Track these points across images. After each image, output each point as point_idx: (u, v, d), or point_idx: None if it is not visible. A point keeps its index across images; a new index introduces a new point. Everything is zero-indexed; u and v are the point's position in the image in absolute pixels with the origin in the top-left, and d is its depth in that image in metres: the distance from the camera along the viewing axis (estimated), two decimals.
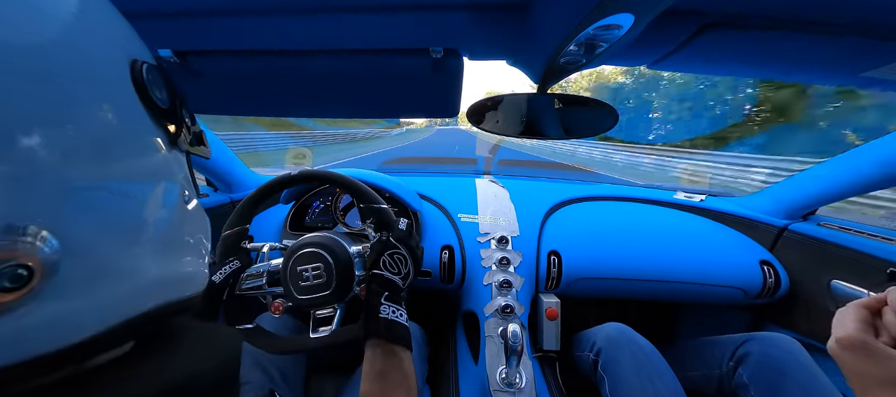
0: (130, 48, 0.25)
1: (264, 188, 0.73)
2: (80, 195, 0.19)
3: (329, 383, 0.95)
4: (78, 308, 0.19)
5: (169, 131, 0.27)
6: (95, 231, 0.20)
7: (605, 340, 0.81)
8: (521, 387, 0.75)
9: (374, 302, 0.55)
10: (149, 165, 0.25)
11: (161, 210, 0.25)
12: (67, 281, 0.19)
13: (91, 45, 0.22)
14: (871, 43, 0.45)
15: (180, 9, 0.46)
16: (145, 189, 0.24)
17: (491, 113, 0.68)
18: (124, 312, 0.22)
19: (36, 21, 0.19)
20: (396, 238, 0.63)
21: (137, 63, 0.24)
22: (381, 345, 0.52)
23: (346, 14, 0.46)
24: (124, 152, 0.23)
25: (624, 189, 1.35)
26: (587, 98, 0.65)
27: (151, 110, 0.25)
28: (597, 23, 0.37)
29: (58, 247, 0.18)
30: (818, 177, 0.94)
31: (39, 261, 0.17)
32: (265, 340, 0.64)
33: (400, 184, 1.07)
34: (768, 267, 0.97)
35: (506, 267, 0.95)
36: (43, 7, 0.19)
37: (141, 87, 0.24)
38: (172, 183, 0.27)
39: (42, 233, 0.17)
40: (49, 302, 0.18)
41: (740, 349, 0.78)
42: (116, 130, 0.22)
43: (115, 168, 0.22)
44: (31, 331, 0.18)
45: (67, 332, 0.19)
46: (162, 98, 0.26)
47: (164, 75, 0.27)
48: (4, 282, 0.16)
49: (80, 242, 0.19)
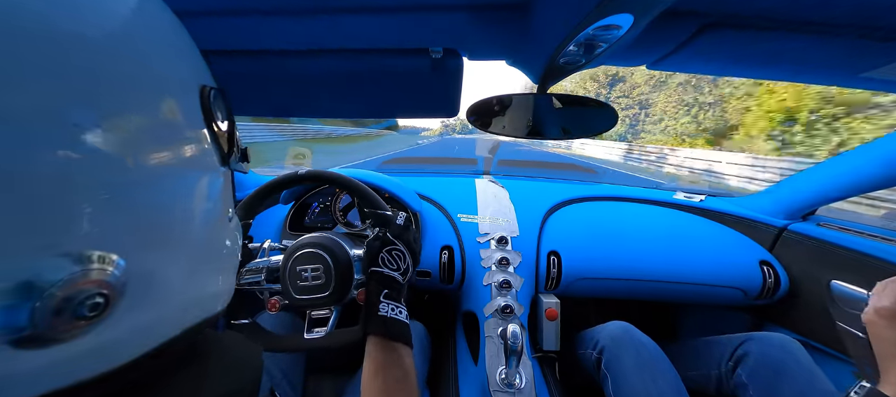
0: (201, 75, 0.26)
1: (266, 187, 0.73)
2: (144, 216, 0.19)
3: (329, 384, 0.95)
4: (131, 329, 0.20)
5: (223, 149, 0.27)
6: (155, 250, 0.20)
7: (609, 339, 0.81)
8: (520, 388, 0.75)
9: (374, 300, 0.55)
10: (206, 186, 0.25)
11: (211, 229, 0.26)
12: (133, 301, 0.19)
13: (169, 69, 0.22)
14: (870, 43, 0.45)
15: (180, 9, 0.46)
16: (200, 209, 0.24)
17: (490, 113, 0.68)
18: (167, 332, 0.22)
19: (120, 47, 0.19)
20: (394, 234, 0.63)
21: (206, 88, 0.25)
22: (380, 343, 0.53)
23: (345, 15, 0.46)
24: (188, 173, 0.23)
25: (624, 189, 1.35)
26: (587, 98, 0.65)
27: (212, 130, 0.26)
28: (596, 23, 0.37)
29: (125, 269, 0.18)
30: (818, 177, 0.94)
31: (112, 286, 0.17)
32: (261, 338, 0.64)
33: (399, 184, 1.07)
34: (768, 267, 0.97)
35: (505, 267, 0.95)
36: (125, 37, 0.20)
37: (207, 111, 0.25)
38: (221, 202, 0.27)
39: (111, 257, 0.17)
40: (117, 324, 0.18)
41: (739, 349, 0.78)
42: (184, 152, 0.22)
43: (178, 189, 0.22)
44: (89, 355, 0.18)
45: (114, 355, 0.19)
46: (222, 119, 0.27)
47: (226, 101, 0.28)
48: (85, 311, 0.16)
49: (142, 264, 0.19)
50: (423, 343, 0.88)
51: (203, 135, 0.25)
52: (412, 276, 0.64)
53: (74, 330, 0.16)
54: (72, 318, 0.16)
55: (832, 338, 0.84)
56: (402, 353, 0.53)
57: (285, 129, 17.30)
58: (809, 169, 0.98)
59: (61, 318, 0.16)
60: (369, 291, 0.57)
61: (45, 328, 0.15)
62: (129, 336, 0.20)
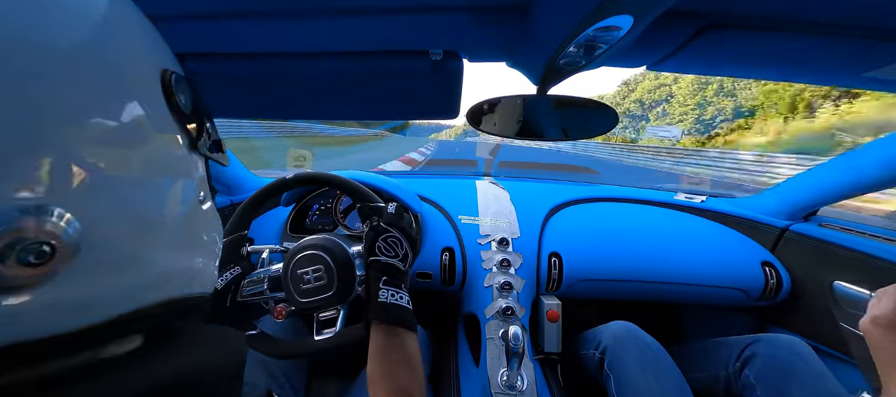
0: (162, 59, 0.27)
1: (263, 191, 0.73)
2: (104, 184, 0.21)
3: (332, 386, 0.95)
4: (92, 291, 0.21)
5: (190, 134, 0.29)
6: (114, 219, 0.22)
7: (612, 339, 0.81)
8: (522, 390, 0.75)
9: (374, 287, 0.55)
10: (169, 162, 0.26)
11: (177, 206, 0.27)
12: (85, 264, 0.20)
13: (128, 52, 0.24)
14: (872, 43, 0.45)
15: (181, 12, 0.46)
16: (164, 184, 0.26)
17: (491, 115, 0.68)
18: (136, 300, 0.23)
19: (81, 28, 0.21)
20: (386, 222, 0.63)
21: (167, 72, 0.27)
22: (383, 328, 0.53)
23: (346, 16, 0.47)
24: (148, 148, 0.24)
25: (625, 190, 1.35)
26: (587, 99, 0.65)
27: (176, 114, 0.27)
28: (596, 24, 0.37)
29: (79, 230, 0.19)
30: (819, 178, 0.94)
31: (62, 241, 0.18)
32: (269, 345, 0.64)
33: (400, 185, 1.07)
34: (770, 268, 0.97)
35: (506, 269, 0.95)
36: (84, 16, 0.21)
37: (168, 93, 0.26)
38: (189, 182, 0.29)
39: (67, 216, 0.19)
40: (67, 282, 0.19)
41: (747, 350, 0.78)
42: (143, 128, 0.24)
43: (138, 161, 0.23)
44: (48, 310, 0.19)
45: (80, 314, 0.20)
46: (186, 104, 0.28)
47: (191, 87, 0.30)
48: (29, 256, 0.18)
49: (99, 228, 0.20)
50: (423, 345, 0.88)
51: (167, 121, 0.26)
52: (413, 262, 0.64)
53: (24, 276, 0.18)
54: (17, 263, 0.17)
55: (835, 340, 0.84)
56: (405, 338, 0.53)
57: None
58: (811, 169, 0.97)
59: (6, 264, 0.17)
60: (369, 280, 0.57)
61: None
62: (91, 296, 0.21)
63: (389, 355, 0.51)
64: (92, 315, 0.21)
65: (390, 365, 0.50)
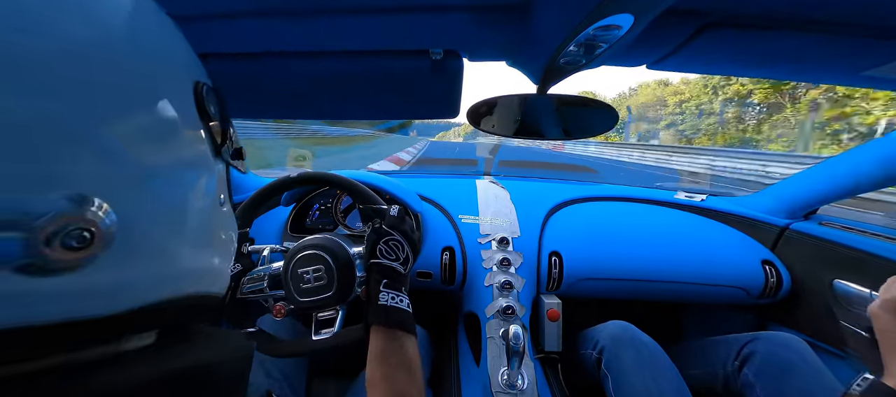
0: (196, 72, 0.31)
1: (264, 191, 0.73)
2: (139, 179, 0.23)
3: (332, 386, 0.95)
4: (125, 277, 0.23)
5: (215, 141, 0.31)
6: (147, 212, 0.24)
7: (609, 338, 0.81)
8: (523, 389, 0.75)
9: (374, 290, 0.55)
10: (196, 164, 0.29)
11: (202, 208, 0.29)
12: (120, 251, 0.22)
13: (169, 62, 0.27)
14: (872, 41, 0.45)
15: (180, 13, 0.46)
16: (191, 183, 0.28)
17: (491, 114, 0.68)
18: (159, 292, 0.25)
19: (128, 33, 0.23)
20: (388, 225, 0.63)
21: (200, 83, 0.30)
22: (382, 331, 0.53)
23: (346, 16, 0.47)
24: (179, 149, 0.26)
25: (625, 189, 1.35)
26: (587, 98, 0.65)
27: (204, 121, 0.30)
28: (596, 23, 0.37)
29: (116, 221, 0.21)
30: (819, 177, 0.94)
31: (101, 229, 0.20)
32: (268, 344, 0.64)
33: (400, 185, 1.07)
34: (770, 266, 0.97)
35: (507, 268, 0.95)
36: (129, 26, 0.24)
37: (199, 101, 0.29)
38: (212, 183, 0.31)
39: (105, 206, 0.20)
40: (103, 267, 0.21)
41: (745, 348, 0.78)
42: (176, 131, 0.26)
43: (170, 161, 0.25)
44: (86, 292, 0.21)
45: (114, 299, 0.22)
46: (214, 113, 0.31)
47: (219, 98, 0.32)
48: (72, 241, 0.19)
49: (133, 219, 0.22)
50: (423, 345, 0.88)
51: (197, 126, 0.29)
52: (413, 265, 0.64)
53: (66, 259, 0.19)
54: (61, 248, 0.19)
55: (835, 337, 0.84)
56: (404, 341, 0.53)
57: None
58: (811, 168, 0.97)
59: (51, 247, 0.19)
60: (369, 282, 0.57)
61: (38, 256, 0.18)
62: (124, 282, 0.23)
63: (388, 359, 0.51)
64: (124, 301, 0.23)
65: (389, 369, 0.50)
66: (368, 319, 0.54)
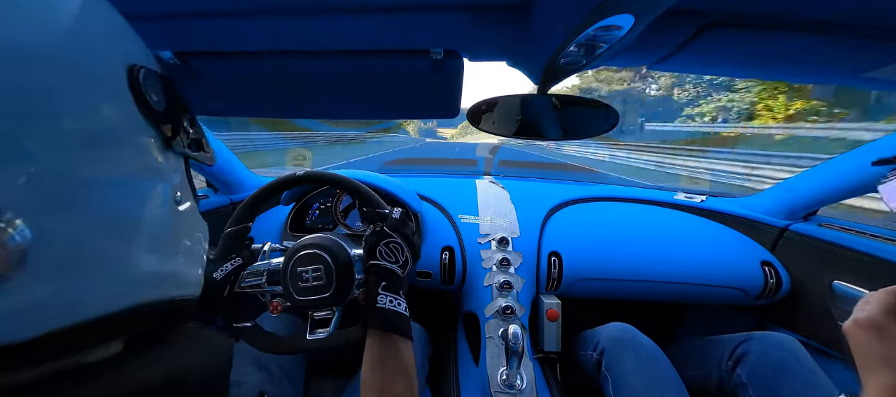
0: (130, 53, 0.26)
1: (267, 188, 0.74)
2: (62, 188, 0.20)
3: (330, 384, 0.95)
4: (51, 297, 0.20)
5: (164, 134, 0.28)
6: (74, 224, 0.21)
7: (609, 340, 0.81)
8: (521, 389, 0.75)
9: (372, 292, 0.55)
10: (137, 164, 0.25)
11: (148, 208, 0.26)
12: (38, 269, 0.19)
13: (88, 47, 0.23)
14: (873, 43, 0.45)
15: (180, 11, 0.46)
16: (131, 187, 0.25)
17: (491, 114, 0.68)
18: (105, 306, 0.22)
19: (36, 23, 0.19)
20: (390, 227, 0.63)
21: (135, 68, 0.25)
22: (379, 335, 0.53)
23: (346, 15, 0.46)
24: (113, 149, 0.23)
25: (624, 189, 1.35)
26: (587, 98, 0.65)
27: (146, 111, 0.26)
28: (597, 24, 0.37)
29: (29, 237, 0.18)
30: (819, 178, 0.94)
31: (8, 248, 0.17)
32: (262, 340, 0.64)
33: (400, 185, 1.07)
34: (769, 267, 0.97)
35: (506, 268, 0.95)
36: (44, 10, 0.20)
37: (136, 90, 0.25)
38: (163, 183, 0.28)
39: (15, 222, 0.18)
40: (17, 289, 0.18)
41: (739, 348, 0.78)
42: (106, 128, 0.23)
43: (102, 163, 0.22)
44: (3, 318, 0.18)
45: (40, 321, 0.20)
46: (158, 101, 0.27)
47: (164, 81, 0.28)
48: None
49: (55, 233, 0.19)
50: (422, 344, 0.88)
51: (134, 118, 0.25)
52: (412, 269, 0.63)
53: None
54: None
55: (834, 339, 0.84)
56: (401, 346, 0.53)
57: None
58: (810, 169, 0.97)
59: None
60: (368, 284, 0.57)
61: None
62: (48, 302, 0.20)
63: (384, 363, 0.51)
64: (55, 319, 0.20)
65: (385, 373, 0.50)
66: (366, 321, 0.54)
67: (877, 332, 0.40)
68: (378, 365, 0.50)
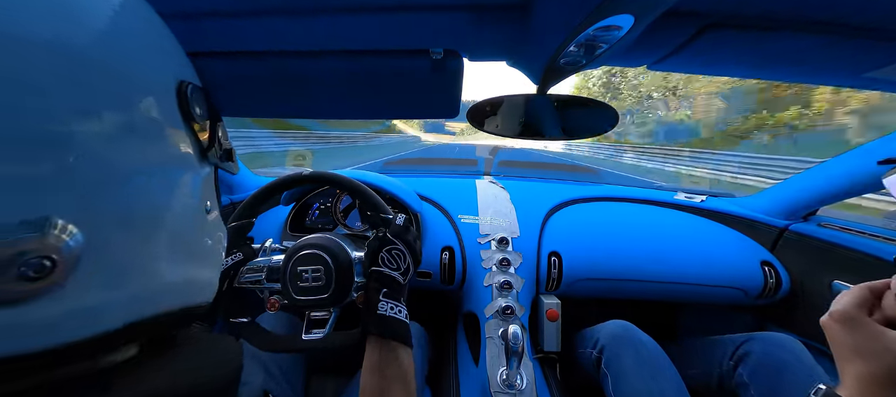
0: (179, 69, 0.27)
1: (270, 186, 0.74)
2: (110, 195, 0.20)
3: (330, 384, 0.95)
4: (93, 303, 0.20)
5: (202, 145, 0.29)
6: (119, 230, 0.21)
7: (609, 337, 0.81)
8: (521, 389, 0.75)
9: (373, 298, 0.55)
10: (177, 173, 0.26)
11: (184, 216, 0.27)
12: (87, 276, 0.19)
13: (142, 59, 0.24)
14: (873, 43, 0.45)
15: (179, 11, 0.46)
16: (170, 195, 0.25)
17: (491, 114, 0.68)
18: (138, 312, 0.23)
19: (94, 27, 0.20)
20: (393, 233, 0.63)
21: (184, 84, 0.27)
22: (379, 342, 0.53)
23: (346, 15, 0.46)
24: (155, 158, 0.24)
25: (624, 189, 1.35)
26: (587, 98, 0.65)
27: (188, 124, 0.27)
28: (597, 24, 0.37)
29: (82, 242, 0.19)
30: (818, 178, 0.94)
31: (63, 254, 0.18)
32: (259, 337, 0.64)
33: (400, 185, 1.07)
34: (769, 267, 0.97)
35: (506, 268, 0.95)
36: (96, 18, 0.21)
37: (183, 102, 0.26)
38: (197, 192, 0.28)
39: (69, 228, 0.18)
40: (68, 295, 0.19)
41: (741, 348, 0.78)
42: (152, 137, 0.24)
43: (147, 168, 0.23)
44: (50, 322, 0.19)
45: (80, 326, 0.20)
46: (201, 115, 0.28)
47: (207, 97, 0.29)
48: (29, 271, 0.17)
49: (102, 240, 0.20)
50: (422, 344, 0.88)
51: (179, 129, 0.26)
52: (412, 277, 0.64)
53: (22, 290, 0.17)
54: (16, 278, 0.17)
55: None
56: (400, 353, 0.53)
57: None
58: (810, 169, 0.97)
59: (5, 278, 0.17)
60: (369, 290, 0.57)
61: None
62: (92, 308, 0.20)
63: (384, 370, 0.51)
64: (94, 326, 0.20)
65: (385, 380, 0.50)
66: (366, 327, 0.54)
67: (849, 324, 0.41)
68: (377, 372, 0.51)
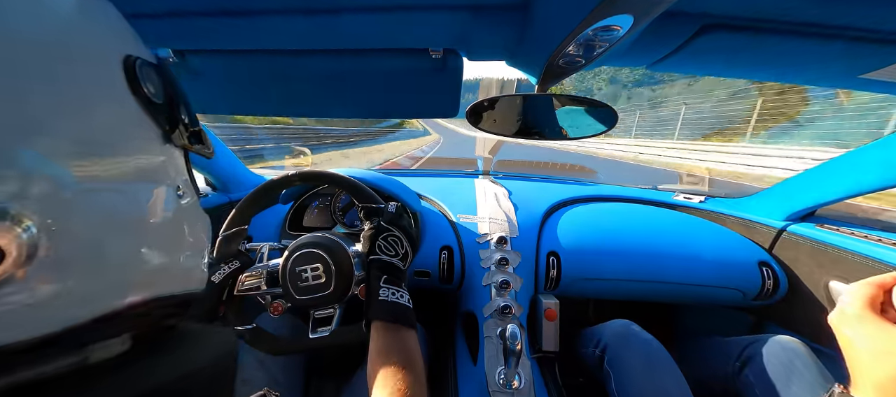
0: (125, 45, 0.25)
1: (263, 188, 0.73)
2: (65, 183, 0.19)
3: (330, 384, 0.95)
4: (57, 294, 0.20)
5: (163, 127, 0.27)
6: (79, 219, 0.20)
7: (612, 336, 0.81)
8: (519, 388, 0.75)
9: (374, 286, 0.55)
10: (138, 158, 0.25)
11: (151, 203, 0.25)
12: (44, 267, 0.19)
13: (84, 41, 0.22)
14: (871, 45, 0.45)
15: (178, 9, 0.46)
16: (133, 181, 0.24)
17: (490, 113, 0.68)
18: (111, 302, 0.22)
19: (31, 16, 0.19)
20: (387, 221, 0.63)
21: (131, 58, 0.24)
22: (383, 327, 0.53)
23: (345, 14, 0.46)
24: (112, 143, 0.23)
25: (623, 190, 1.35)
26: (587, 98, 0.65)
27: (144, 105, 0.25)
28: (596, 24, 0.37)
29: (35, 234, 0.18)
30: (817, 179, 0.95)
31: (14, 245, 0.17)
32: (265, 342, 0.64)
33: (399, 184, 1.07)
34: (767, 268, 0.97)
35: (505, 267, 0.95)
36: (40, 4, 0.20)
37: (133, 81, 0.24)
38: (164, 177, 0.27)
39: (22, 218, 0.18)
40: (25, 287, 0.18)
41: (747, 350, 0.78)
42: (105, 121, 0.22)
43: (103, 158, 0.22)
44: (9, 316, 0.18)
45: (48, 319, 0.19)
46: (155, 93, 0.26)
47: (161, 73, 0.27)
48: None
49: (61, 230, 0.19)
50: (421, 343, 0.88)
51: (130, 108, 0.24)
52: (412, 260, 0.64)
53: None
54: None
55: (831, 339, 0.84)
56: (406, 336, 0.53)
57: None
58: (808, 170, 0.98)
59: None
60: (369, 279, 0.57)
61: None
62: (53, 302, 0.20)
63: (390, 354, 0.50)
64: (61, 319, 0.20)
65: (391, 364, 0.50)
66: (369, 315, 0.54)
67: (861, 324, 0.41)
68: (384, 356, 0.50)
